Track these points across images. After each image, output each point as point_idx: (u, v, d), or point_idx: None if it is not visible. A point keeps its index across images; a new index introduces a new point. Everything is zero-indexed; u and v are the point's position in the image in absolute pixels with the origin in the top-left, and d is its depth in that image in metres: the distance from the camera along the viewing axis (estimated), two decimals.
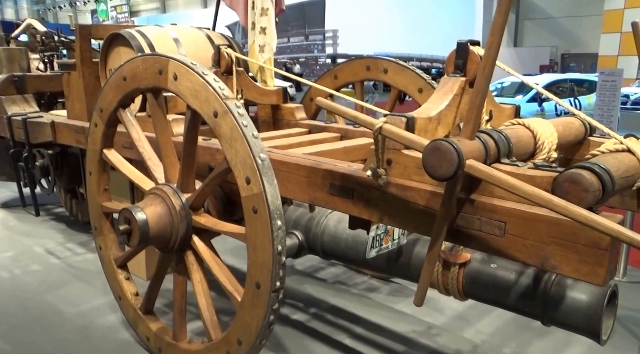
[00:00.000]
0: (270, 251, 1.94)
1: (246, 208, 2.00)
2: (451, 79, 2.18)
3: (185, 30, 3.82)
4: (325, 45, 24.10)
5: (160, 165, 2.53)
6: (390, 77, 3.38)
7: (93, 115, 2.76)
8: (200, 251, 2.31)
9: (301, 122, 3.47)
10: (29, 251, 4.22)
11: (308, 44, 24.17)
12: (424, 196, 1.80)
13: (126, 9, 33.82)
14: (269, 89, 3.58)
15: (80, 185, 4.48)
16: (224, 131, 2.04)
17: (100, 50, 3.65)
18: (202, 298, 2.33)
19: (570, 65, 23.30)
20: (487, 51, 1.52)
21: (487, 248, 1.67)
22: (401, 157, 1.88)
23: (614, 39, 17.91)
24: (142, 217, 2.26)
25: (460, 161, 1.51)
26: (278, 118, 3.62)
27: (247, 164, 1.97)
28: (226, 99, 2.05)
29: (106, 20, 33.08)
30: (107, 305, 3.26)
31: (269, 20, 3.75)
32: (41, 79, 4.76)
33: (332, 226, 2.67)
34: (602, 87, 8.66)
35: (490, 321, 3.04)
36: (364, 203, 1.98)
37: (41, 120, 4.01)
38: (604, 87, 8.61)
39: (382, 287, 3.49)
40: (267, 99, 3.58)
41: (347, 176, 2.03)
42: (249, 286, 2.06)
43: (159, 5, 31.62)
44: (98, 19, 32.94)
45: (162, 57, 2.28)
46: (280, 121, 3.60)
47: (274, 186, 1.95)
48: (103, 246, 2.89)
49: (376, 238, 2.27)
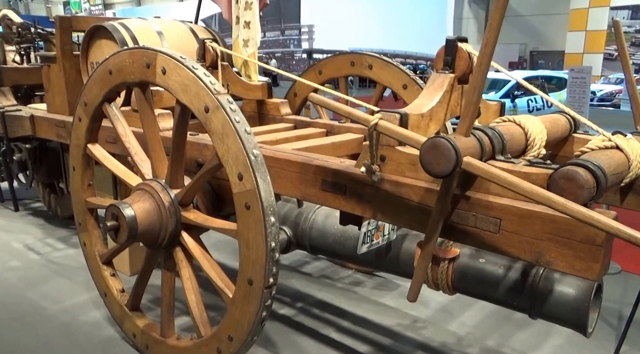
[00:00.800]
0: (264, 247, 1.94)
1: (238, 204, 1.99)
2: (440, 76, 2.20)
3: (168, 23, 3.76)
4: (301, 40, 24.08)
5: (147, 160, 2.50)
6: (374, 73, 3.38)
7: (77, 109, 2.71)
8: (189, 247, 2.29)
9: (286, 117, 3.47)
10: (7, 246, 4.12)
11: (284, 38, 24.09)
12: (418, 192, 1.82)
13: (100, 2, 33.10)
14: (254, 83, 3.56)
15: (60, 179, 4.39)
16: (215, 126, 2.02)
17: (82, 42, 3.57)
18: (192, 294, 2.31)
19: (538, 62, 23.79)
20: (484, 48, 1.54)
21: (481, 244, 1.70)
22: (395, 154, 1.90)
23: (580, 37, 18.34)
24: (130, 214, 2.22)
25: (458, 158, 1.53)
26: (263, 113, 3.61)
27: (240, 160, 1.95)
28: (218, 94, 2.03)
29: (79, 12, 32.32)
30: (90, 301, 3.21)
31: (253, 15, 3.71)
32: (18, 72, 4.65)
33: (320, 221, 2.68)
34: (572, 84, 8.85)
35: (473, 313, 3.10)
36: (357, 199, 1.99)
37: (20, 114, 3.91)
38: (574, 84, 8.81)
39: (367, 281, 3.51)
40: (252, 93, 3.55)
41: (339, 172, 2.03)
42: (240, 283, 2.05)
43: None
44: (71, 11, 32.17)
45: (150, 50, 2.24)
46: (266, 116, 3.59)
47: (267, 182, 1.94)
48: (88, 243, 2.84)
49: (367, 234, 2.28)
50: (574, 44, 18.23)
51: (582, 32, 17.46)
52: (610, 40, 16.59)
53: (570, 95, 6.97)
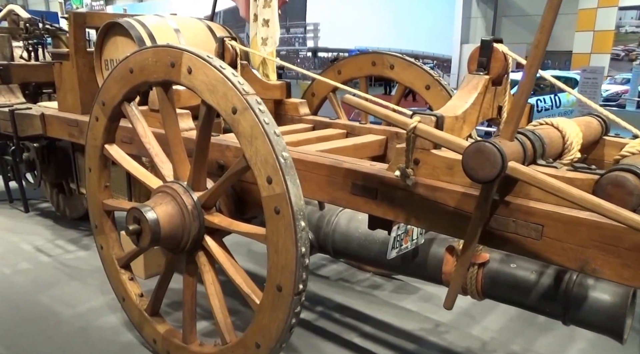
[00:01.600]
0: (294, 253, 1.88)
1: (267, 209, 1.93)
2: (475, 77, 2.15)
3: (185, 20, 3.70)
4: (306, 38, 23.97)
5: (167, 162, 2.45)
6: (396, 73, 3.33)
7: (94, 108, 2.65)
8: (213, 251, 2.23)
9: (305, 117, 3.41)
10: (17, 248, 4.06)
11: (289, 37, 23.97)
12: (455, 197, 1.77)
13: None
14: (272, 83, 3.50)
15: (69, 180, 4.33)
16: (244, 128, 1.97)
17: (96, 39, 3.51)
18: (216, 299, 2.26)
19: (545, 62, 23.76)
20: (535, 49, 1.48)
21: (522, 251, 1.65)
22: (430, 157, 1.85)
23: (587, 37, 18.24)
24: (152, 217, 2.17)
25: (503, 162, 1.47)
26: (281, 113, 3.55)
27: (269, 163, 1.90)
28: (246, 94, 1.98)
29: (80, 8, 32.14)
30: (105, 305, 3.16)
31: (272, 12, 3.65)
32: (27, 69, 4.58)
33: (344, 224, 2.63)
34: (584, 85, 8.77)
35: (495, 317, 3.05)
36: (389, 204, 1.93)
37: (30, 112, 3.85)
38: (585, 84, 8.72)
39: (386, 284, 3.46)
40: (270, 93, 3.50)
41: (370, 175, 1.98)
42: (269, 289, 2.00)
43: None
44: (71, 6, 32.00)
45: (175, 49, 2.18)
46: (284, 116, 3.53)
47: (297, 185, 1.89)
48: (104, 246, 2.79)
49: (396, 239, 2.23)
50: (581, 44, 18.14)
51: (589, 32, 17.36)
52: (617, 40, 16.50)
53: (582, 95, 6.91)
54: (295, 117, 3.43)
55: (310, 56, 21.45)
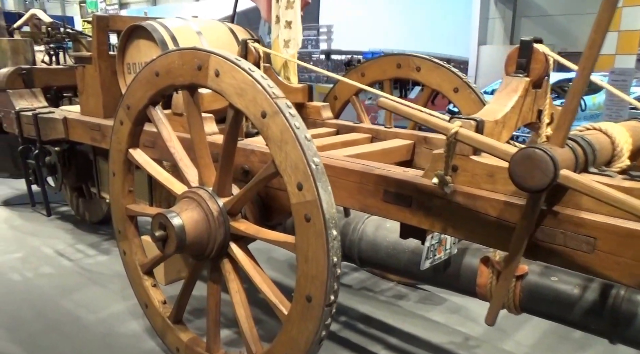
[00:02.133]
0: (325, 262, 1.80)
1: (297, 216, 1.86)
2: (514, 79, 2.06)
3: (207, 23, 3.66)
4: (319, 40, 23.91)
5: (192, 166, 2.39)
6: (423, 75, 3.24)
7: (118, 112, 2.60)
8: (239, 259, 2.16)
9: (328, 121, 3.34)
10: (38, 252, 4.05)
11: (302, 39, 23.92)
12: (496, 206, 1.67)
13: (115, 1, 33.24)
14: (294, 86, 3.44)
15: (89, 183, 4.31)
16: (273, 132, 1.90)
17: (119, 42, 3.48)
18: (241, 308, 2.19)
19: None
20: (589, 50, 1.39)
21: (571, 265, 1.55)
22: (469, 164, 1.76)
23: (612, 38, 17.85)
24: (178, 223, 2.11)
25: (556, 171, 1.38)
26: (303, 117, 3.41)
27: (300, 169, 1.82)
28: (276, 98, 1.91)
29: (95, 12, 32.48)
30: (127, 311, 3.11)
31: (294, 14, 3.60)
32: (49, 73, 4.58)
33: (371, 232, 2.54)
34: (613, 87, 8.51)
35: (528, 331, 2.93)
36: (424, 212, 1.85)
37: (53, 116, 3.83)
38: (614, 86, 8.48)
39: (411, 294, 3.37)
40: (292, 96, 3.42)
41: (404, 182, 1.90)
42: (298, 299, 1.92)
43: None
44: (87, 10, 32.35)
45: (202, 51, 2.12)
46: (306, 120, 3.45)
47: (329, 192, 1.81)
48: (127, 251, 2.74)
49: (430, 249, 2.14)
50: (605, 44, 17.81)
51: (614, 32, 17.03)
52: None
53: (609, 98, 6.71)
54: (317, 121, 3.35)
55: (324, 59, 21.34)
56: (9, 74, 4.27)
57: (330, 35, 23.65)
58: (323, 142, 2.81)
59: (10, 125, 4.27)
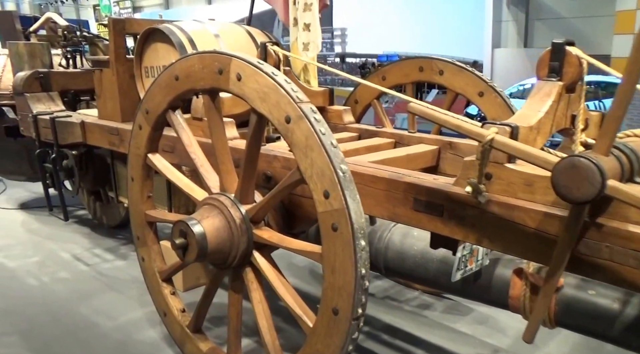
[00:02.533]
0: (353, 274, 1.73)
1: (323, 225, 1.79)
2: (547, 84, 1.97)
3: (225, 26, 3.61)
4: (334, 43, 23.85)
5: (213, 172, 2.33)
6: (446, 79, 3.17)
7: (137, 116, 2.56)
8: (262, 268, 2.10)
9: (350, 126, 3.26)
10: (55, 256, 4.03)
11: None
12: (535, 217, 1.59)
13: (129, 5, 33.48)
14: (314, 90, 3.38)
15: (106, 187, 4.29)
16: (298, 138, 1.83)
17: (136, 46, 3.45)
18: (263, 319, 2.13)
19: None
20: (636, 52, 1.30)
21: (617, 280, 1.46)
22: (504, 172, 1.68)
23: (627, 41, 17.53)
24: (200, 231, 2.05)
25: (604, 181, 1.30)
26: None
27: (326, 176, 1.76)
28: (301, 102, 1.85)
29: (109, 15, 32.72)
30: (144, 318, 3.06)
31: (313, 16, 3.54)
32: (66, 76, 4.56)
33: (398, 240, 2.47)
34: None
35: (558, 344, 2.83)
36: (457, 222, 1.77)
37: (70, 120, 3.81)
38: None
39: (436, 303, 3.28)
40: (313, 100, 3.28)
41: (434, 190, 1.82)
42: (324, 311, 1.85)
43: (162, 1, 31.31)
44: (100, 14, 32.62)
45: (223, 55, 2.07)
46: (327, 124, 3.38)
47: (357, 201, 1.74)
48: (146, 258, 2.69)
49: (461, 260, 2.06)
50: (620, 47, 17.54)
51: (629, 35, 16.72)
52: None
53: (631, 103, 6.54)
54: (339, 126, 3.28)
55: (339, 62, 21.30)
56: (26, 77, 4.26)
57: (344, 38, 23.58)
58: (346, 148, 2.75)
59: (27, 129, 4.27)
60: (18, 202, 5.59)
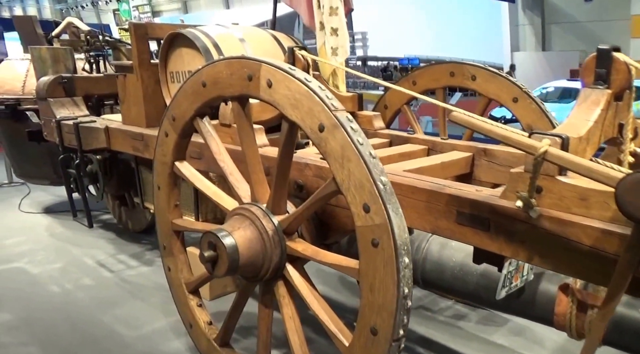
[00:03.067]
0: (394, 293, 1.65)
1: (363, 240, 1.71)
2: (594, 92, 1.87)
3: (249, 30, 3.55)
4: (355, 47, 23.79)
5: (243, 181, 2.26)
6: (479, 84, 3.07)
7: (163, 123, 2.50)
8: (295, 282, 2.02)
9: (380, 132, 3.18)
10: (79, 262, 4.00)
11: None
12: (592, 234, 1.49)
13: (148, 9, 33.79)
14: (343, 95, 3.30)
15: (131, 192, 4.26)
16: (333, 148, 1.75)
17: (160, 51, 3.40)
18: (295, 335, 2.05)
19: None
20: None
21: None
22: (556, 185, 1.58)
23: None
24: (231, 243, 1.98)
25: None
26: None
27: (366, 188, 1.67)
28: (336, 110, 1.76)
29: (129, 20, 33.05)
30: (169, 328, 3.01)
31: (339, 20, 3.47)
32: (89, 81, 4.55)
33: (436, 252, 2.37)
34: None
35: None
36: (505, 238, 1.67)
37: (94, 125, 3.78)
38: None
39: (470, 314, 3.17)
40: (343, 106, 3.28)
41: (479, 203, 1.73)
42: (361, 330, 1.76)
43: (180, 6, 31.54)
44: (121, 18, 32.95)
45: (252, 61, 1.99)
46: None
47: (400, 215, 1.65)
48: (173, 268, 2.63)
49: (507, 276, 1.96)
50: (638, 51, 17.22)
51: None
52: None
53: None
54: (369, 132, 3.19)
55: (360, 65, 21.26)
56: (49, 82, 4.26)
57: (365, 41, 23.50)
58: (379, 155, 2.63)
59: (50, 134, 4.26)
60: (41, 206, 5.60)
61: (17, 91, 5.00)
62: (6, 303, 3.39)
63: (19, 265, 4.01)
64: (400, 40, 21.68)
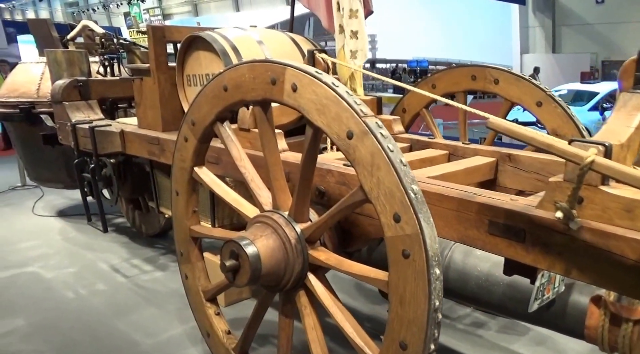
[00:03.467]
0: (425, 306, 1.58)
1: (393, 251, 1.64)
2: (634, 96, 1.79)
3: (268, 33, 3.51)
4: None
5: (264, 188, 2.21)
6: (502, 88, 3.00)
7: (182, 128, 2.45)
8: (317, 292, 1.96)
9: (400, 136, 3.11)
10: (93, 267, 3.97)
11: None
12: (636, 248, 1.41)
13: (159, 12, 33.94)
14: (363, 98, 3.24)
15: (145, 196, 4.22)
16: (362, 155, 1.69)
17: (177, 54, 3.36)
18: (317, 346, 1.99)
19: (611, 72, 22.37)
20: None
21: None
22: (598, 196, 1.51)
23: None
24: (253, 252, 1.92)
25: None
26: None
27: (396, 197, 1.61)
28: (365, 116, 1.71)
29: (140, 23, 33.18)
30: (185, 336, 2.96)
31: (359, 23, 3.40)
32: (104, 84, 4.53)
33: (459, 260, 2.30)
34: None
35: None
36: (542, 250, 1.60)
37: (110, 129, 3.75)
38: None
39: (490, 322, 3.09)
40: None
41: (515, 213, 1.66)
42: (389, 345, 1.70)
43: (190, 9, 31.68)
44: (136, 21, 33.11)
45: (276, 64, 1.94)
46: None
47: (432, 225, 1.59)
48: (190, 275, 2.58)
49: (539, 288, 1.89)
50: None
51: None
52: None
53: None
54: None
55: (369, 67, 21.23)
56: (65, 86, 4.24)
57: (374, 44, 23.46)
58: None
59: (65, 137, 4.24)
60: (55, 210, 5.59)
61: (32, 94, 4.99)
62: (20, 309, 3.36)
63: (33, 269, 3.99)
64: (410, 43, 21.64)
